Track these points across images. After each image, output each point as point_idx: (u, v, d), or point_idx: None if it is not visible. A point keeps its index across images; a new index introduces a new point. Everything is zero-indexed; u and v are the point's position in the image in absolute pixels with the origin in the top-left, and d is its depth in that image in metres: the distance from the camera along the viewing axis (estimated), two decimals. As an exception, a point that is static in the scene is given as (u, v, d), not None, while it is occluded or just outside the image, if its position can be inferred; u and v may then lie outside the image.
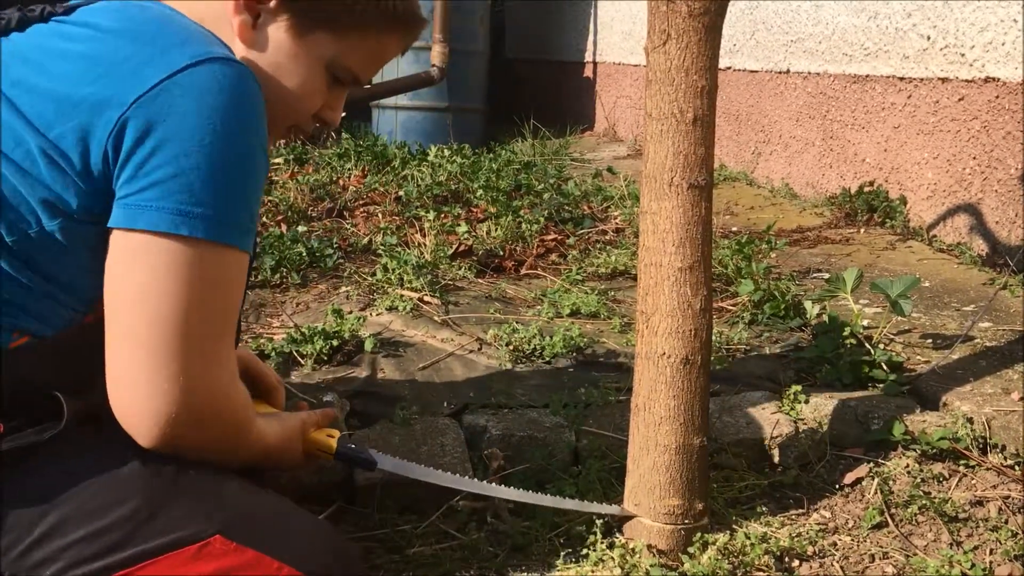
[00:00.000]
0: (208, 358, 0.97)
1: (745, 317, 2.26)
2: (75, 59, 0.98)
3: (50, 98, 0.95)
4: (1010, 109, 2.64)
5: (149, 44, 0.97)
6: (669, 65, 1.23)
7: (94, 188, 0.96)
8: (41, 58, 0.99)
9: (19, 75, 0.98)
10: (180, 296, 0.94)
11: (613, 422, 1.63)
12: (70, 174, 0.95)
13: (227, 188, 0.96)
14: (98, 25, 1.01)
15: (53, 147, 0.94)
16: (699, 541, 1.32)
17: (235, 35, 1.08)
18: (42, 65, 0.98)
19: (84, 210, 0.97)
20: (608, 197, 3.61)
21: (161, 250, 0.93)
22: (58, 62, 0.98)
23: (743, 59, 4.28)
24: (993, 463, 1.54)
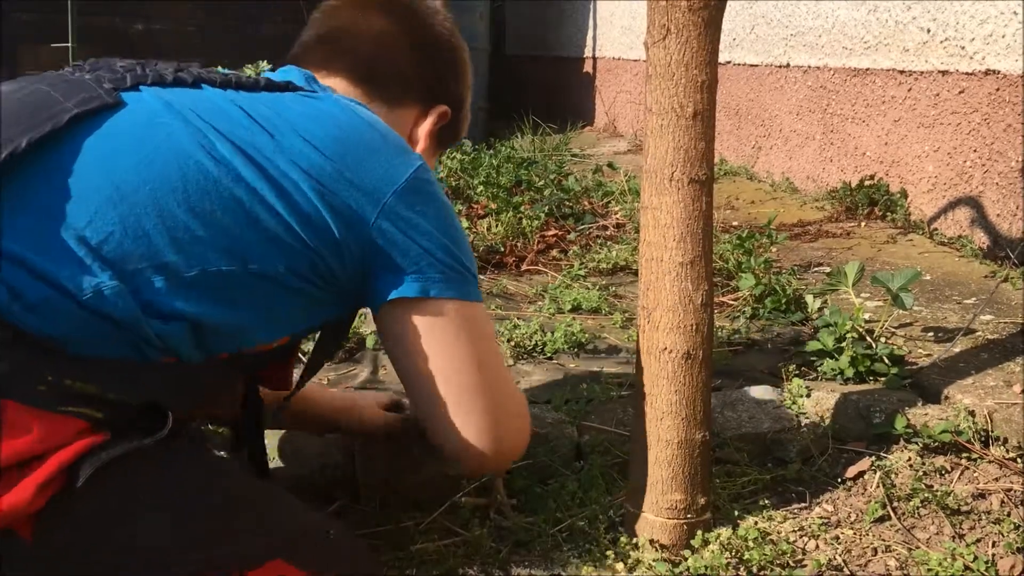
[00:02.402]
0: (512, 380, 1.17)
1: (746, 311, 2.26)
2: (331, 126, 1.07)
3: (319, 157, 1.03)
4: (1011, 102, 2.64)
5: (390, 140, 1.11)
6: (669, 60, 1.23)
7: (337, 256, 1.04)
8: (296, 117, 1.06)
9: (289, 113, 1.06)
10: (486, 343, 1.11)
11: (615, 417, 1.63)
12: (327, 235, 1.03)
13: (471, 256, 1.13)
14: (339, 102, 1.12)
15: (324, 204, 1.02)
16: (702, 536, 1.32)
17: (419, 143, 1.29)
18: (299, 124, 1.05)
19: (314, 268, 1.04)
20: (609, 192, 3.61)
21: (467, 316, 1.09)
22: (314, 125, 1.06)
23: (743, 53, 4.28)
24: (995, 456, 1.54)
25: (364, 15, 1.28)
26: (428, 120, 1.30)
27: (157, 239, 0.95)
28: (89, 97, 0.99)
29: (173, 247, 0.95)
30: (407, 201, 1.06)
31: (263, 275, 1.00)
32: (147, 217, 0.95)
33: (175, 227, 0.95)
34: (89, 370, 0.91)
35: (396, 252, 1.05)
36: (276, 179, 1.00)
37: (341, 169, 1.03)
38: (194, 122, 1.00)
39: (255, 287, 1.00)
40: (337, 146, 1.04)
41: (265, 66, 5.38)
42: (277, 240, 1.00)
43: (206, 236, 0.96)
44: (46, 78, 1.04)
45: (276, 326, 1.08)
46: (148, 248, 0.94)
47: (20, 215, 0.92)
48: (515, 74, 7.04)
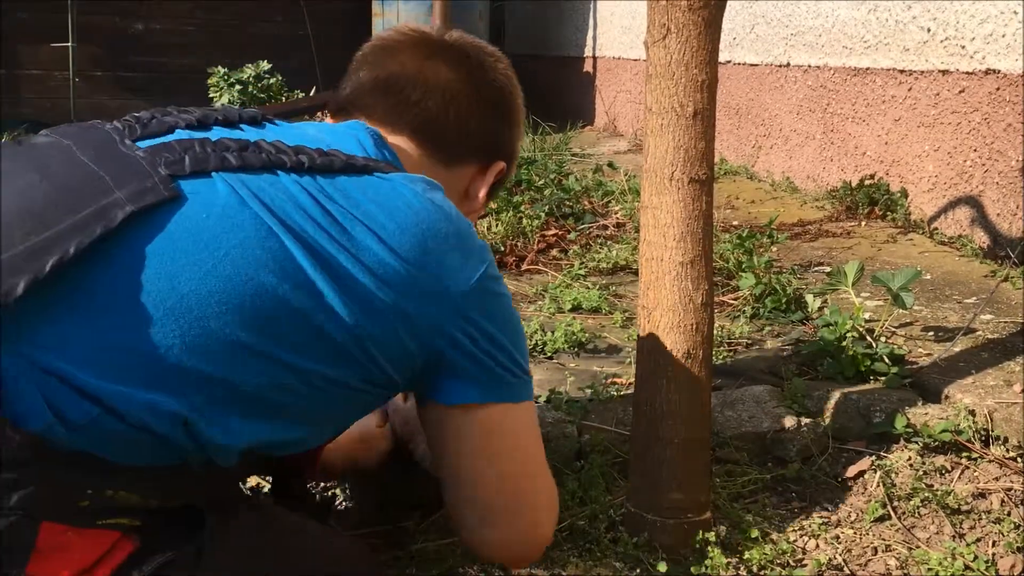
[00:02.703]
0: (549, 480, 1.12)
1: (746, 311, 2.26)
2: (407, 220, 0.98)
3: (394, 259, 0.96)
4: (1011, 101, 2.64)
5: (463, 234, 1.04)
6: (669, 59, 1.23)
7: (401, 365, 0.99)
8: (373, 209, 0.98)
9: (366, 205, 0.98)
10: (533, 445, 1.09)
11: (616, 417, 1.63)
12: (394, 346, 0.98)
13: (525, 351, 1.08)
14: (413, 185, 1.03)
15: (394, 313, 0.96)
16: (702, 535, 1.32)
17: (473, 206, 1.25)
18: (375, 218, 0.97)
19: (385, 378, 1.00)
20: (609, 192, 3.61)
21: (515, 416, 1.06)
22: (390, 220, 0.97)
23: (743, 53, 4.28)
24: (995, 455, 1.54)
25: (430, 64, 1.18)
26: (487, 179, 1.24)
27: (219, 355, 0.88)
28: (143, 189, 0.89)
29: (233, 363, 0.88)
30: (477, 304, 1.01)
31: (324, 388, 0.94)
32: (210, 332, 0.87)
33: (237, 343, 0.88)
34: (131, 480, 0.86)
35: (461, 358, 1.00)
36: (348, 287, 0.92)
37: (415, 274, 0.96)
38: (267, 220, 0.91)
39: (314, 401, 0.95)
40: (412, 246, 0.96)
41: (265, 66, 5.40)
42: (343, 352, 0.94)
43: (270, 352, 0.90)
44: (90, 142, 0.94)
45: (327, 431, 1.08)
46: (208, 364, 0.87)
47: (68, 326, 0.84)
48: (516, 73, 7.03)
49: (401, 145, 1.16)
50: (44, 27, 5.91)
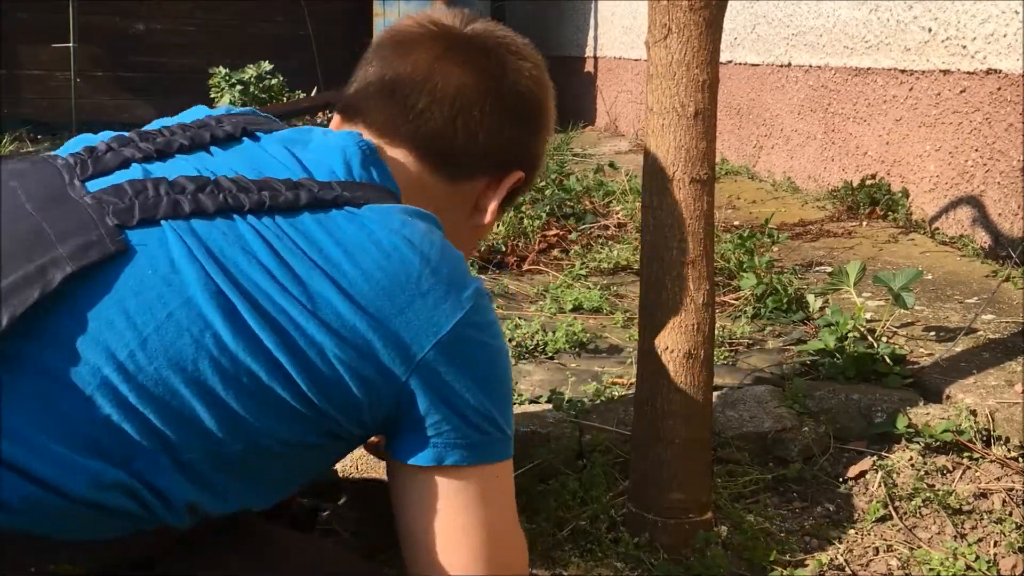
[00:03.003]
0: (519, 540, 1.02)
1: (748, 311, 2.26)
2: (374, 264, 0.91)
3: (353, 312, 0.88)
4: (1012, 101, 2.63)
5: (441, 275, 0.93)
6: (670, 59, 1.23)
7: (360, 421, 0.93)
8: (335, 255, 0.90)
9: (329, 249, 0.90)
10: (498, 508, 0.97)
11: (617, 417, 1.63)
12: (352, 404, 0.91)
13: (508, 406, 0.98)
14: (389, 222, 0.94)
15: (351, 373, 0.89)
16: (703, 535, 1.32)
17: (483, 218, 1.14)
18: (350, 253, 0.90)
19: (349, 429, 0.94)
20: (610, 192, 3.61)
21: (485, 478, 0.95)
22: (353, 267, 0.90)
23: (744, 53, 4.27)
24: (997, 455, 1.54)
25: (441, 66, 1.07)
26: (500, 191, 1.14)
27: (159, 423, 0.83)
28: (87, 244, 0.83)
29: (175, 428, 0.83)
30: (447, 354, 0.91)
31: (273, 450, 0.89)
32: (151, 397, 0.82)
33: (181, 408, 0.83)
34: (75, 553, 0.82)
35: (421, 414, 0.91)
36: (300, 348, 0.86)
37: (377, 323, 0.88)
38: (215, 277, 0.85)
39: (264, 462, 0.90)
40: (376, 295, 0.89)
41: (267, 66, 5.39)
42: (294, 414, 0.87)
43: (214, 415, 0.84)
44: (37, 185, 0.89)
45: (286, 488, 1.00)
46: (149, 432, 0.83)
47: (6, 402, 0.79)
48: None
49: (399, 159, 1.07)
50: (44, 27, 5.92)
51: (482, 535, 0.95)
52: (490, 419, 0.94)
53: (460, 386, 0.92)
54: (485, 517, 0.95)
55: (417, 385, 0.90)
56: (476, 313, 0.94)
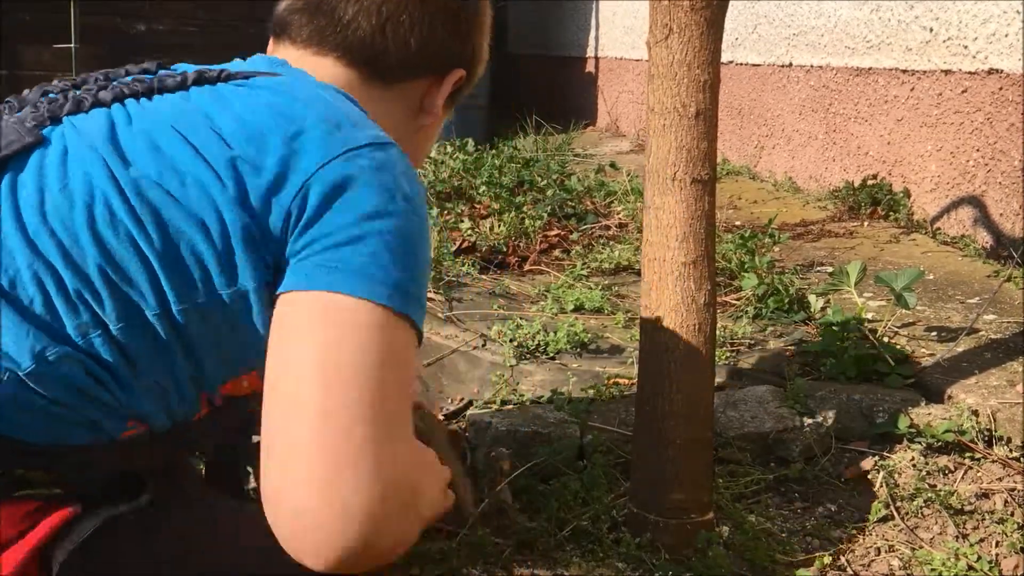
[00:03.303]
0: (406, 433, 0.85)
1: (749, 311, 2.26)
2: (264, 109, 0.91)
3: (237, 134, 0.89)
4: (1013, 101, 2.63)
5: (334, 118, 0.92)
6: (671, 59, 1.23)
7: (268, 252, 0.88)
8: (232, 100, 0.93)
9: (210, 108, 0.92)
10: (377, 370, 0.81)
11: (618, 417, 1.63)
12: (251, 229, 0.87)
13: (412, 262, 0.88)
14: (291, 89, 0.96)
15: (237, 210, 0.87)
16: (705, 536, 1.32)
17: (425, 119, 1.13)
18: (231, 106, 0.92)
19: (257, 275, 0.88)
20: (611, 192, 3.61)
21: (356, 316, 0.82)
22: (251, 107, 0.92)
23: (745, 53, 4.27)
24: (998, 456, 1.54)
25: None
26: (444, 88, 1.13)
27: (86, 293, 0.84)
28: (10, 141, 0.89)
29: (99, 299, 0.84)
30: (330, 183, 0.87)
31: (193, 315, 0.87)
32: (68, 266, 0.84)
33: (93, 277, 0.84)
34: (44, 458, 0.83)
35: (303, 240, 0.86)
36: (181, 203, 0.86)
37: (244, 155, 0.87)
38: (102, 152, 0.88)
39: (195, 328, 0.88)
40: (244, 137, 0.89)
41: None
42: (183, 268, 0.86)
43: (122, 280, 0.85)
44: None
45: (230, 359, 0.94)
46: (82, 304, 0.84)
47: None
48: (517, 74, 7.04)
49: (328, 68, 1.05)
50: (46, 28, 5.92)
51: (365, 385, 0.81)
52: (384, 261, 0.85)
53: (358, 214, 0.86)
54: (372, 365, 0.82)
55: (310, 197, 0.86)
56: (378, 153, 0.90)
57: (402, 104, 1.11)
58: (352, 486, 0.75)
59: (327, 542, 0.75)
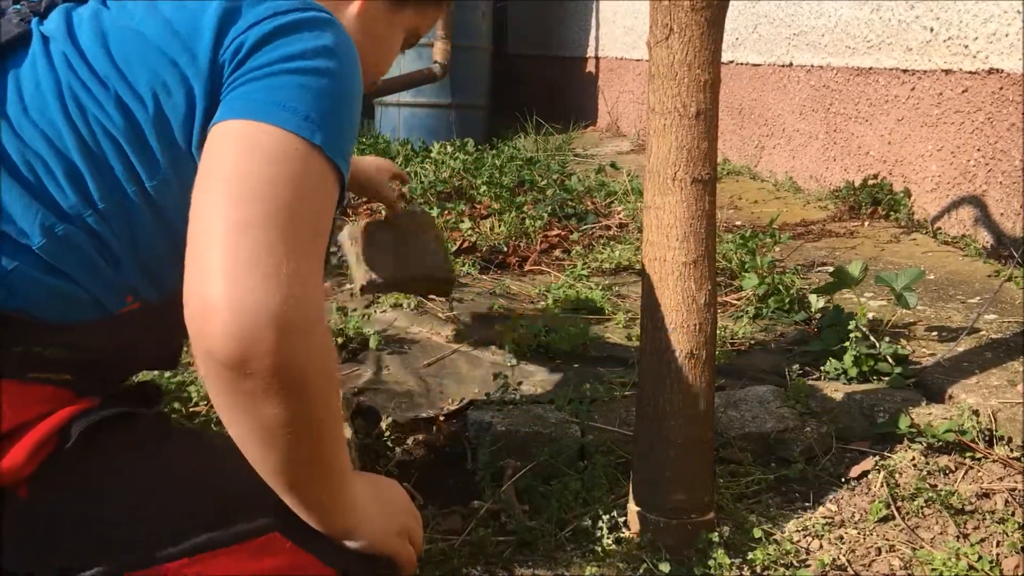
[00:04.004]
0: (312, 261, 0.87)
1: (749, 311, 2.26)
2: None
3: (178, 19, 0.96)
4: (1014, 100, 2.63)
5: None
6: (672, 59, 1.23)
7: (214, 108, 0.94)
8: None
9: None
10: (285, 189, 0.86)
11: (619, 417, 1.63)
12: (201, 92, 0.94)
13: (339, 113, 0.94)
14: None
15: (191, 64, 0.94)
16: (705, 536, 1.32)
17: (353, 9, 1.17)
18: None
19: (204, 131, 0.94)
20: (611, 192, 3.61)
21: (275, 138, 0.88)
22: None
23: (746, 53, 4.27)
24: (999, 455, 1.54)
25: None
26: None
27: (69, 174, 0.92)
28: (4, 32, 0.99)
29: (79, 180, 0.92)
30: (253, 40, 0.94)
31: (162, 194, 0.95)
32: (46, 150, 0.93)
33: (71, 163, 0.92)
34: (57, 335, 0.90)
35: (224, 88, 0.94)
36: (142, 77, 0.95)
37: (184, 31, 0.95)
38: (64, 49, 0.97)
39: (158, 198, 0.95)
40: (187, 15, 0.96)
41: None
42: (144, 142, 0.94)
43: (100, 162, 0.93)
44: None
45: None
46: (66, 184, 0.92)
47: None
48: (518, 74, 7.04)
49: None
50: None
51: (277, 194, 0.86)
52: (312, 103, 0.91)
53: (289, 58, 0.93)
54: (285, 181, 0.87)
55: (245, 43, 0.94)
56: (309, 15, 0.97)
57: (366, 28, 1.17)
58: (249, 286, 0.81)
59: (221, 332, 0.80)
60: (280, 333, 0.81)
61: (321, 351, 0.87)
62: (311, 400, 0.86)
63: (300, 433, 0.87)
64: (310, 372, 0.85)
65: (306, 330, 0.84)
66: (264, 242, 0.83)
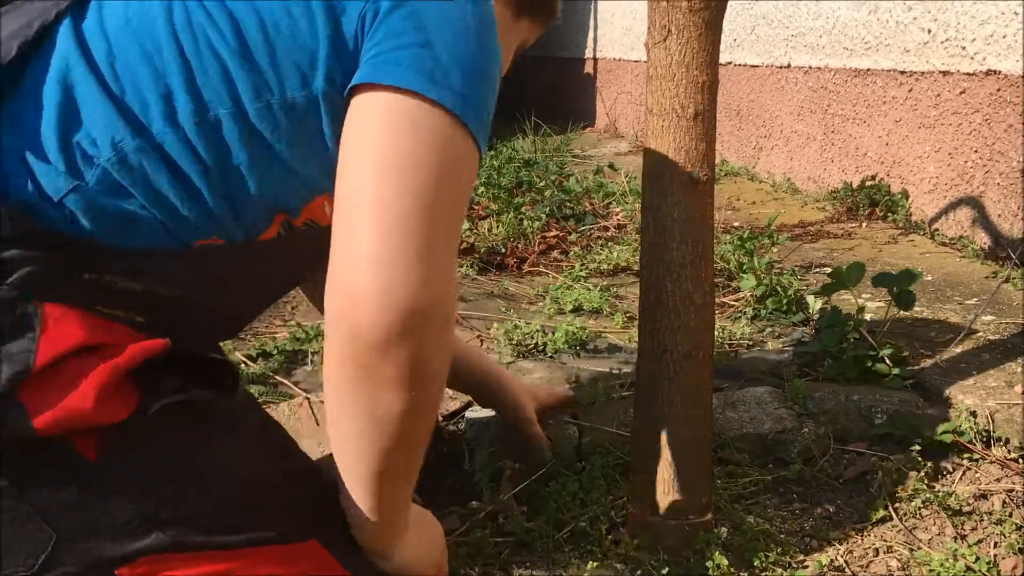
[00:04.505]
0: (453, 253, 0.88)
1: (748, 312, 2.26)
2: None
3: None
4: (1011, 102, 2.64)
5: None
6: (670, 61, 1.23)
7: (347, 52, 0.90)
8: None
9: None
10: (436, 169, 0.84)
11: (616, 418, 1.63)
12: (328, 35, 0.90)
13: (477, 81, 0.89)
14: None
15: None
16: (703, 537, 1.32)
17: None
18: None
19: (329, 80, 0.90)
20: (610, 193, 3.61)
21: (420, 113, 0.85)
22: None
23: (744, 54, 4.28)
24: (997, 456, 1.54)
25: None
26: None
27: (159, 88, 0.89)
28: None
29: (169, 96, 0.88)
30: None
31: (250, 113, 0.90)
32: (141, 65, 0.89)
33: (163, 77, 0.89)
34: (128, 263, 0.87)
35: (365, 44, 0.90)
36: None
37: None
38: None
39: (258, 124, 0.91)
40: None
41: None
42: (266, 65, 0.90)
43: (198, 76, 0.89)
44: None
45: (303, 177, 0.95)
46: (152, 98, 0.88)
47: (27, 114, 0.87)
48: (516, 74, 7.05)
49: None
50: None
51: (422, 179, 0.84)
52: (448, 70, 0.87)
53: (426, 22, 0.89)
54: (432, 163, 0.85)
55: (381, 5, 0.89)
56: None
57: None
58: (401, 277, 0.81)
59: (368, 320, 0.80)
60: (423, 326, 0.82)
61: (448, 349, 0.88)
62: (428, 396, 0.87)
63: (405, 429, 0.88)
64: (436, 367, 0.86)
65: (442, 325, 0.85)
66: (415, 231, 0.82)
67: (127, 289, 0.87)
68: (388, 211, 0.82)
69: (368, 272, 0.81)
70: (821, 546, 1.37)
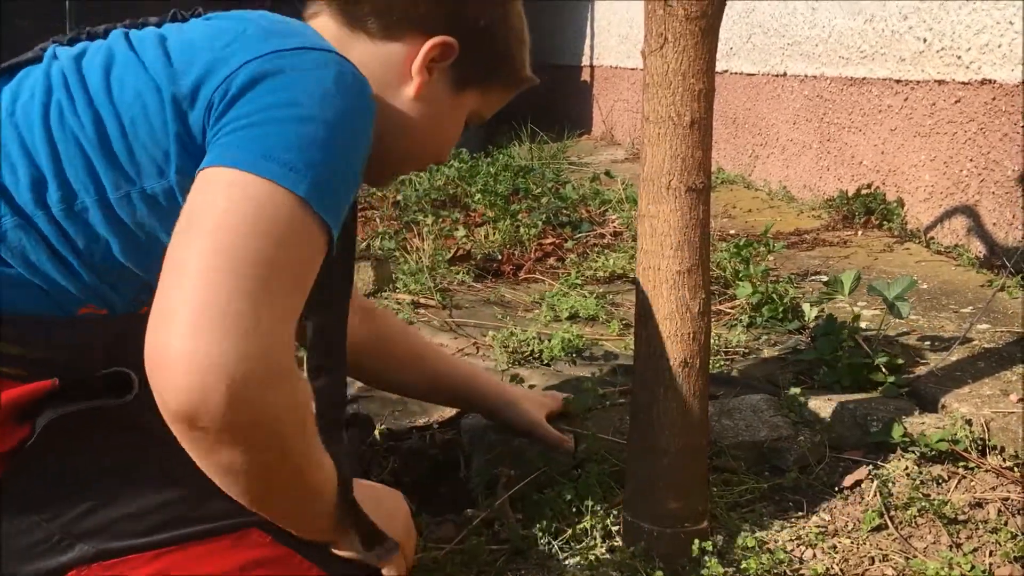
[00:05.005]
0: (285, 314, 0.85)
1: (743, 320, 2.26)
2: (212, 29, 1.01)
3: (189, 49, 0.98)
4: (1007, 111, 2.65)
5: (279, 33, 0.99)
6: (666, 68, 1.24)
7: (194, 145, 0.94)
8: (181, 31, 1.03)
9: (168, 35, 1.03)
10: (259, 240, 0.83)
11: (612, 425, 1.63)
12: (175, 132, 0.95)
13: (331, 164, 0.90)
14: (252, 16, 1.03)
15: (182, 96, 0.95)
16: (699, 545, 1.32)
17: (411, 90, 1.12)
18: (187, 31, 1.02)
19: (181, 172, 0.95)
20: (606, 201, 3.61)
21: (256, 189, 0.85)
22: (192, 33, 1.02)
23: (740, 62, 4.29)
24: (992, 465, 1.54)
25: None
26: (420, 54, 1.10)
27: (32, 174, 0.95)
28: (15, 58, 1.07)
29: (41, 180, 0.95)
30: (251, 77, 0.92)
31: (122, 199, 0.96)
32: (19, 152, 0.95)
33: (35, 165, 0.95)
34: (17, 330, 0.91)
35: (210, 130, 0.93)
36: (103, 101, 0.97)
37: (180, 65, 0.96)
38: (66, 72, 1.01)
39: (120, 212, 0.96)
40: (186, 48, 0.98)
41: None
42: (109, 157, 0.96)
43: (64, 165, 0.95)
44: None
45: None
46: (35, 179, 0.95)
47: None
48: None
49: (318, 26, 1.09)
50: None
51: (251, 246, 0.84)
52: (302, 149, 0.88)
53: (280, 100, 0.91)
54: (263, 233, 0.84)
55: (232, 85, 0.93)
56: (313, 55, 0.95)
57: (389, 67, 1.10)
58: (209, 340, 0.78)
59: (172, 385, 0.79)
60: (233, 391, 0.79)
61: (287, 401, 0.84)
62: (271, 447, 0.85)
63: (261, 474, 0.87)
64: (268, 423, 0.83)
65: (269, 383, 0.82)
66: (233, 295, 0.81)
67: (11, 353, 0.91)
68: (205, 273, 0.81)
69: (177, 335, 0.79)
70: (817, 554, 1.37)
